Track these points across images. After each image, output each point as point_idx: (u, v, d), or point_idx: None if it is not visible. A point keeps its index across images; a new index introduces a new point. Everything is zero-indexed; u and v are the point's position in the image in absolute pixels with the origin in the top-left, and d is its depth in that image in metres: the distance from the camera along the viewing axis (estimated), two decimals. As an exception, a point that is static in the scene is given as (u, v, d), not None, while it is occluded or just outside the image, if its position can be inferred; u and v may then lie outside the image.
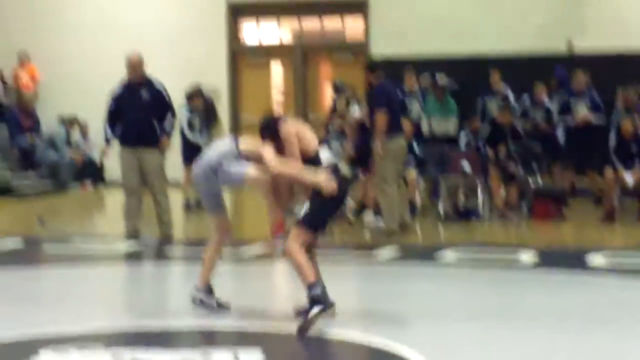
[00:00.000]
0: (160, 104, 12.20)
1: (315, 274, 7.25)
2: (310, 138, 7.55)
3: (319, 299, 7.05)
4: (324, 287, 7.17)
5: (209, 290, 7.83)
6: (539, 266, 9.99)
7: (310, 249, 7.45)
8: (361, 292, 9.17)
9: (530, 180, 14.02)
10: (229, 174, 7.55)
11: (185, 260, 10.90)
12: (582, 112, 14.57)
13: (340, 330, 7.10)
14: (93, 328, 7.22)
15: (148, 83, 12.26)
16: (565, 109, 14.72)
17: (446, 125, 14.76)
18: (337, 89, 15.37)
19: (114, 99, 12.21)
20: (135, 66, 12.21)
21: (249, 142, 7.65)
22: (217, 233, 7.88)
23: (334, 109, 15.93)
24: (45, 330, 7.14)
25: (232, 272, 9.57)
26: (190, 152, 15.09)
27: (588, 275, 9.48)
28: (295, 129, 7.52)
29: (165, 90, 12.34)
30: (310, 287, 7.11)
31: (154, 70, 14.53)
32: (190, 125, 15.64)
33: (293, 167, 7.37)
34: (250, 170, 7.49)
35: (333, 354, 6.93)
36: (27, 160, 19.10)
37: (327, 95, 19.14)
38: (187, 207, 15.22)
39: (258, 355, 6.38)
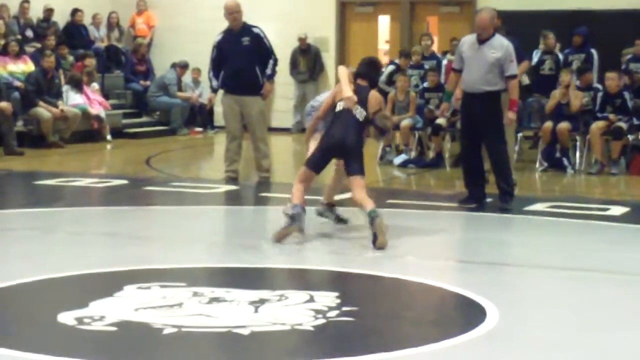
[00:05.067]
0: (261, 50, 12.37)
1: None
2: None
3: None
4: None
5: (331, 206, 9.22)
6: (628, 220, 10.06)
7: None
8: (444, 239, 9.36)
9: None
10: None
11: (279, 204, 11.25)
12: None
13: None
14: (180, 265, 7.60)
15: (248, 30, 12.43)
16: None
17: None
18: None
19: (215, 47, 12.46)
20: (233, 13, 12.39)
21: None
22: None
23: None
24: (132, 267, 7.50)
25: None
26: None
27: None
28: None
29: (266, 37, 12.48)
30: None
31: (263, 20, 14.87)
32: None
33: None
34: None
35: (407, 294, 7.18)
36: (141, 104, 19.72)
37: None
38: None
39: (333, 298, 6.56)
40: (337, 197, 9.46)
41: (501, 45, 10.37)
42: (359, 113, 8.73)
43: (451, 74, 11.05)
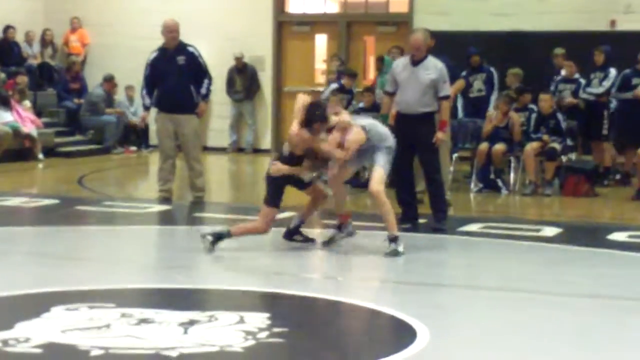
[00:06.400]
0: (195, 69, 12.27)
1: None
2: None
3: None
4: None
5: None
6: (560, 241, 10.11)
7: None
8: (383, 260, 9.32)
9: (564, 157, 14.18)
10: None
11: (213, 224, 11.16)
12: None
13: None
14: (110, 286, 7.48)
15: (183, 48, 12.33)
16: (626, 85, 14.68)
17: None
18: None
19: (149, 65, 12.35)
20: (173, 32, 12.29)
21: None
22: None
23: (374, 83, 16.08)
24: (60, 287, 7.39)
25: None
26: None
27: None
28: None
29: (201, 56, 12.39)
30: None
31: (199, 38, 14.79)
32: None
33: None
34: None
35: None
36: (74, 122, 19.47)
37: (370, 67, 19.31)
38: None
39: (264, 319, 6.51)
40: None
41: (435, 66, 10.40)
42: (284, 147, 9.10)
43: (384, 97, 11.03)
